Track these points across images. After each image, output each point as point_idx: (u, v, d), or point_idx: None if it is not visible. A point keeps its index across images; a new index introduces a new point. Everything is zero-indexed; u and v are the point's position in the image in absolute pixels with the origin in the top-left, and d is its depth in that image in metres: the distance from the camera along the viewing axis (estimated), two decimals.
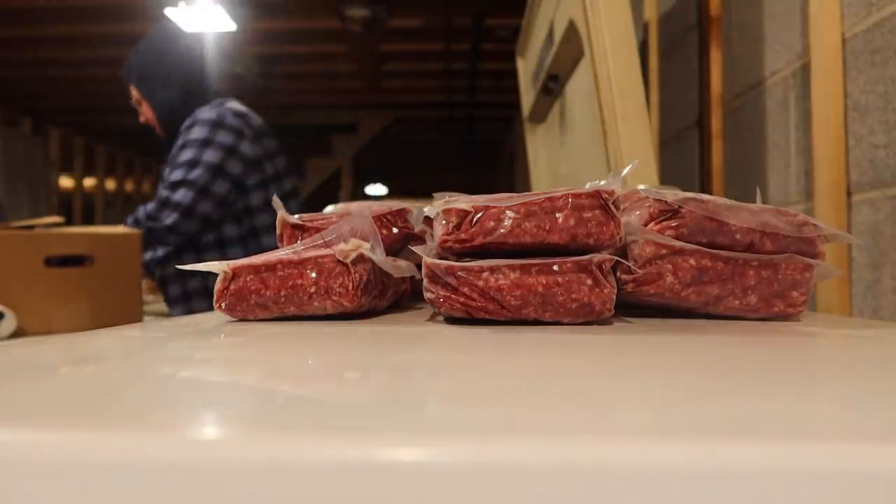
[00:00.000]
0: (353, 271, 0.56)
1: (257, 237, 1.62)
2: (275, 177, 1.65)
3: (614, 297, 0.51)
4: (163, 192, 1.54)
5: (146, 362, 0.39)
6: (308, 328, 0.53)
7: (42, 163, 6.53)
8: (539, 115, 2.15)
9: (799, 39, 1.16)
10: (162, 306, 1.72)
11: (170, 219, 1.51)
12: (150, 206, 1.54)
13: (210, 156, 1.54)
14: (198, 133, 1.56)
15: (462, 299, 0.51)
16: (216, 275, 0.58)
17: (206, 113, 1.59)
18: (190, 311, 1.62)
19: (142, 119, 1.73)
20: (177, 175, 1.53)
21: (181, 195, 1.51)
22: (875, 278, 0.96)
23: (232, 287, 0.57)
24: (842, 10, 1.01)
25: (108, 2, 4.16)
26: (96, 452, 0.21)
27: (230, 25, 4.39)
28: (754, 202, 0.56)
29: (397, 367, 0.37)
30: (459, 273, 0.51)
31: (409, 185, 9.43)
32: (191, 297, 1.64)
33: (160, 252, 1.60)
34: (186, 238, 1.56)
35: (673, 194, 0.55)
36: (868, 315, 0.98)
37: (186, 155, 1.54)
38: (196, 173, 1.52)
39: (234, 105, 1.65)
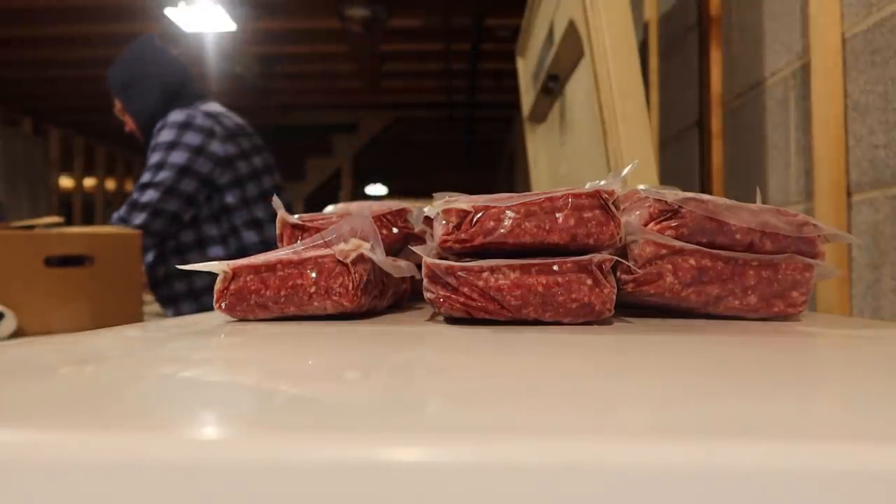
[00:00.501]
0: (353, 271, 0.56)
1: (238, 235, 1.64)
2: (251, 175, 1.66)
3: (614, 297, 0.51)
4: (132, 195, 1.58)
5: (146, 362, 0.39)
6: (308, 328, 0.53)
7: (42, 163, 6.53)
8: (539, 115, 2.15)
9: (799, 39, 1.16)
10: (159, 306, 1.73)
11: (139, 219, 1.54)
12: (122, 209, 1.57)
13: (176, 157, 1.57)
14: (165, 136, 1.59)
15: (462, 299, 0.51)
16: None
17: (175, 115, 1.62)
18: (178, 314, 1.63)
19: (127, 129, 1.77)
20: (145, 178, 1.58)
21: (148, 196, 1.55)
22: (875, 278, 0.96)
23: (232, 287, 0.57)
24: (842, 10, 1.01)
25: (108, 2, 4.16)
26: (96, 452, 0.21)
27: (230, 25, 4.40)
28: (754, 202, 0.56)
29: (397, 367, 0.37)
30: (459, 273, 0.51)
31: (409, 185, 9.43)
32: (178, 299, 1.66)
33: (149, 256, 1.63)
34: (158, 238, 1.59)
35: (673, 194, 0.55)
36: (868, 315, 0.98)
37: (154, 158, 1.59)
38: (162, 175, 1.56)
39: (208, 106, 1.67)
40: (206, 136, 1.60)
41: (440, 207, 0.53)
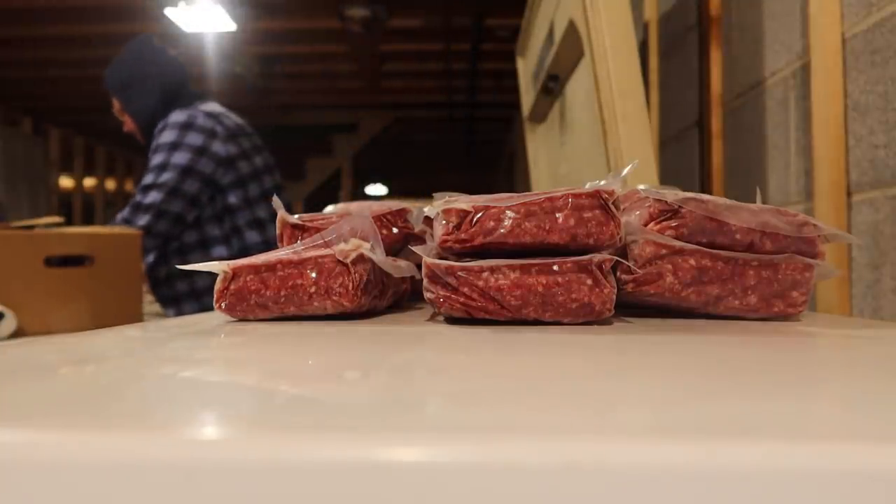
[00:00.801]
0: (353, 271, 0.56)
1: (240, 235, 1.64)
2: (252, 175, 1.66)
3: (614, 297, 0.51)
4: (136, 196, 1.57)
5: (146, 362, 0.39)
6: (308, 328, 0.53)
7: (42, 163, 6.53)
8: (539, 115, 2.15)
9: (799, 39, 1.16)
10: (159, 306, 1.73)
11: (142, 220, 1.54)
12: (125, 211, 1.57)
13: (179, 157, 1.57)
14: (167, 136, 1.59)
15: (462, 299, 0.51)
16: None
17: (176, 116, 1.62)
18: (180, 314, 1.63)
19: (126, 129, 1.76)
20: (147, 179, 1.57)
21: (152, 197, 1.55)
22: (875, 278, 0.96)
23: (232, 287, 0.57)
24: (842, 10, 1.01)
25: (108, 2, 4.17)
26: (96, 452, 0.21)
27: (230, 25, 4.40)
28: (754, 202, 0.56)
29: (397, 367, 0.37)
30: (459, 273, 0.51)
31: (409, 185, 9.43)
32: (179, 299, 1.66)
33: (150, 257, 1.62)
34: (162, 239, 1.59)
35: (673, 194, 0.55)
36: (868, 315, 0.98)
37: (156, 159, 1.58)
38: (166, 176, 1.56)
39: (208, 106, 1.67)
40: (207, 137, 1.60)
41: (440, 207, 0.53)
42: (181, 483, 0.20)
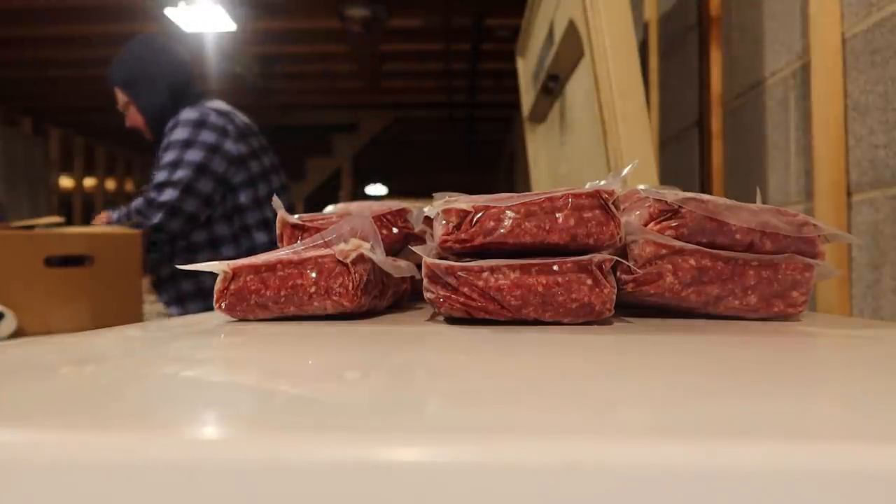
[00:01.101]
0: (353, 271, 0.56)
1: (249, 234, 1.63)
2: (262, 174, 1.66)
3: (614, 297, 0.51)
4: (149, 193, 1.56)
5: (146, 362, 0.39)
6: (308, 328, 0.53)
7: (42, 163, 6.53)
8: (539, 115, 2.15)
9: (799, 39, 1.16)
10: (162, 306, 1.72)
11: (156, 217, 1.53)
12: (139, 202, 1.55)
13: (193, 155, 1.56)
14: (180, 134, 1.58)
15: (462, 299, 0.51)
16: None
17: (188, 113, 1.61)
18: (184, 313, 1.62)
19: (128, 123, 1.75)
20: (161, 176, 1.56)
21: (167, 195, 1.54)
22: (875, 278, 0.96)
23: (232, 287, 0.57)
24: (842, 10, 1.01)
25: (108, 2, 4.16)
26: (96, 452, 0.21)
27: (230, 25, 4.40)
28: (754, 202, 0.56)
29: (397, 367, 0.37)
30: (459, 273, 0.51)
31: (409, 185, 9.43)
32: (184, 298, 1.65)
33: (156, 255, 1.62)
34: (171, 237, 1.58)
35: (673, 194, 0.55)
36: (868, 315, 0.98)
37: (170, 156, 1.57)
38: (180, 173, 1.55)
39: (218, 104, 1.67)
40: (220, 135, 1.59)
41: (440, 207, 0.53)
42: (182, 483, 0.20)
